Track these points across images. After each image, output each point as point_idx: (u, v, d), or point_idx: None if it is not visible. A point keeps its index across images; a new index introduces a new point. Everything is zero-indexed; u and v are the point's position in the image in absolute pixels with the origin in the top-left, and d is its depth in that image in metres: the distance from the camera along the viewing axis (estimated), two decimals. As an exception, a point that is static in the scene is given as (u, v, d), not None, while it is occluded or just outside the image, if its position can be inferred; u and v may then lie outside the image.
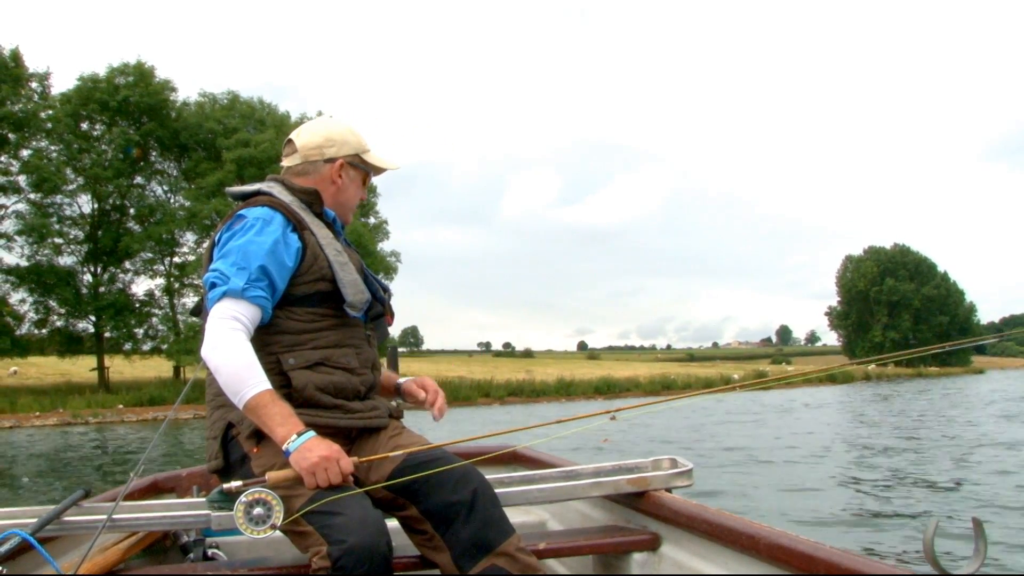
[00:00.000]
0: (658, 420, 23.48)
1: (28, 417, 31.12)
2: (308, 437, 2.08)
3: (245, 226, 2.28)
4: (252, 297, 2.19)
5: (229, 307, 2.17)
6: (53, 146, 40.71)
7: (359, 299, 2.35)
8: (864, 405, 33.51)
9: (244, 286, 2.18)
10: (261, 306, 2.22)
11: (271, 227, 2.27)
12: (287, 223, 2.31)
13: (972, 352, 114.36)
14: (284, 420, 2.10)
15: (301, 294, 2.31)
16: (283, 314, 2.30)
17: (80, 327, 42.58)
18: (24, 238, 39.29)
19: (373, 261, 43.30)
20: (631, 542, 2.55)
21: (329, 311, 2.34)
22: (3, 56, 37.32)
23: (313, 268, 2.31)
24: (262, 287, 2.22)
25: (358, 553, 1.94)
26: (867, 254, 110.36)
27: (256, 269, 2.21)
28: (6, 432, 27.87)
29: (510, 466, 3.43)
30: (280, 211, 2.32)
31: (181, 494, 3.12)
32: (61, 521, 2.23)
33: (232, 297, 2.18)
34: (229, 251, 2.25)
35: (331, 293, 2.32)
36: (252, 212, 2.31)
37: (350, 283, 2.33)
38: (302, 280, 2.30)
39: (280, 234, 2.27)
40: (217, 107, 44.63)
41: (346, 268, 2.35)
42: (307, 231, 2.34)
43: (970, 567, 1.62)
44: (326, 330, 2.33)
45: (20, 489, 13.98)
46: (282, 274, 2.26)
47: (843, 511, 9.47)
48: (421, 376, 2.71)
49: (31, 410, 32.12)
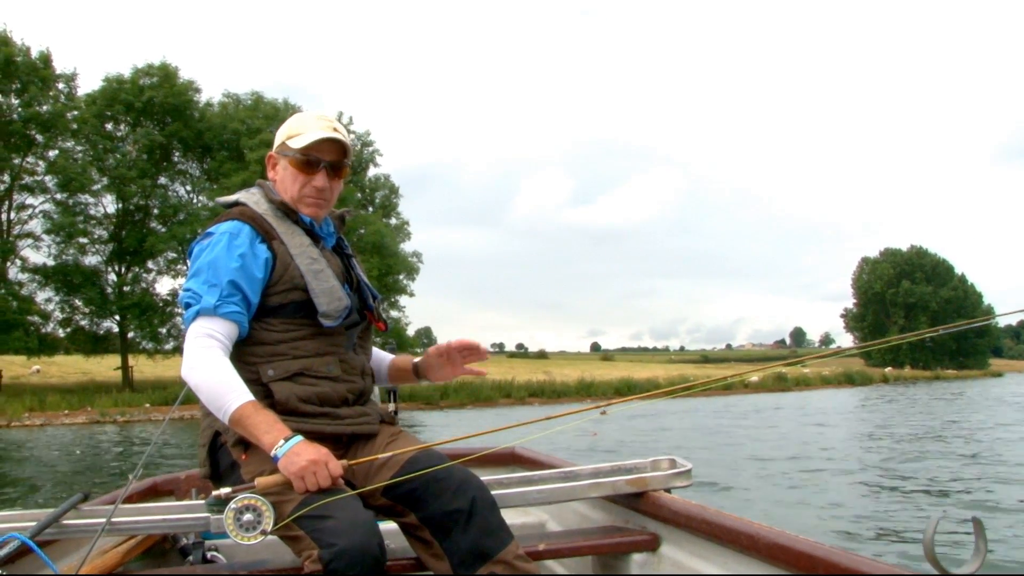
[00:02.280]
0: (676, 423, 23.55)
1: (57, 415, 31.32)
2: (296, 442, 2.09)
3: (212, 242, 2.29)
4: (226, 313, 2.21)
5: (204, 325, 2.19)
6: (79, 146, 40.98)
7: (333, 307, 2.32)
8: (882, 408, 33.39)
9: (216, 303, 2.20)
10: (236, 321, 2.23)
11: (238, 240, 2.28)
12: (255, 235, 2.31)
13: (989, 355, 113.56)
14: (270, 427, 2.10)
15: (275, 304, 2.30)
16: (259, 326, 2.31)
17: (104, 326, 42.90)
18: (51, 237, 39.63)
19: (396, 261, 43.43)
20: (630, 542, 2.56)
21: (305, 320, 2.32)
22: (32, 58, 37.61)
23: (284, 278, 2.29)
24: (235, 302, 2.23)
25: (349, 555, 1.94)
26: (883, 256, 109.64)
27: (227, 284, 2.22)
28: (37, 430, 28.08)
29: (509, 467, 3.46)
30: (248, 223, 2.32)
31: (180, 497, 3.14)
32: (60, 524, 2.23)
33: (206, 315, 2.20)
34: (200, 269, 2.27)
35: (305, 302, 2.31)
36: (220, 227, 2.32)
37: (323, 291, 2.31)
38: (274, 291, 2.30)
39: (248, 247, 2.27)
40: (241, 108, 44.84)
41: (320, 276, 2.33)
42: (276, 241, 2.32)
43: (970, 567, 1.63)
44: (304, 339, 2.32)
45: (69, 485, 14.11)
46: (253, 287, 2.27)
47: (862, 516, 9.41)
48: (429, 350, 2.65)
49: (59, 408, 32.34)
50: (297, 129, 2.44)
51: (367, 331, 2.55)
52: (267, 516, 2.02)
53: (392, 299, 44.96)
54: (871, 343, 3.31)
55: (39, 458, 19.65)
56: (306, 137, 2.40)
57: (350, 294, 2.42)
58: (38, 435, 26.18)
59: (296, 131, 2.43)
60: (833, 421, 25.68)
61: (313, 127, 2.42)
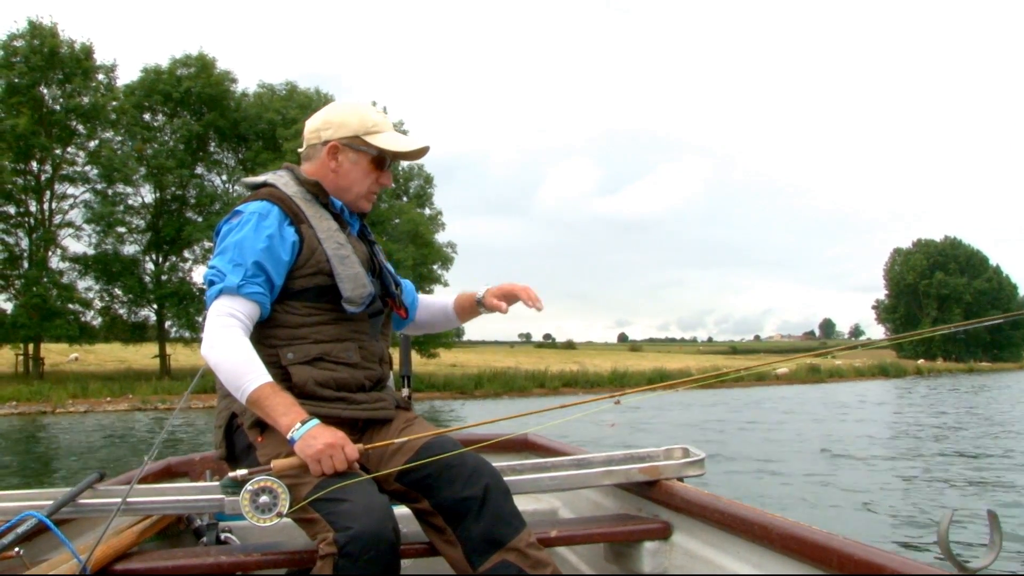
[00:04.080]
0: (705, 414, 23.49)
1: (100, 402, 31.77)
2: (312, 425, 2.09)
3: (241, 222, 2.28)
4: (249, 294, 2.20)
5: (226, 304, 2.19)
6: (118, 137, 41.41)
7: (357, 294, 2.31)
8: (931, 399, 33.08)
9: (240, 283, 2.20)
10: (258, 302, 2.23)
11: (267, 221, 2.27)
12: (284, 216, 2.30)
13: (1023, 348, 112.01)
14: (287, 410, 2.11)
15: (299, 288, 2.29)
16: (281, 308, 2.30)
17: (142, 315, 43.41)
18: (92, 227, 40.10)
19: (431, 251, 43.52)
20: (643, 531, 2.54)
21: (328, 305, 2.31)
22: (75, 51, 38.04)
23: (310, 262, 2.29)
24: (259, 283, 2.22)
25: (364, 539, 1.94)
26: (916, 247, 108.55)
27: (252, 265, 2.22)
28: (80, 416, 28.53)
29: (522, 454, 3.44)
30: (278, 204, 2.31)
31: (194, 478, 3.15)
32: (76, 504, 2.25)
33: (228, 294, 2.20)
34: (226, 248, 2.26)
35: (330, 287, 2.30)
36: (249, 207, 2.31)
37: (348, 277, 2.30)
38: (300, 274, 2.29)
39: (276, 228, 2.27)
40: (276, 98, 45.07)
41: (346, 262, 2.32)
42: (304, 224, 2.31)
43: (985, 560, 1.61)
44: (325, 324, 2.31)
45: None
46: (279, 269, 2.26)
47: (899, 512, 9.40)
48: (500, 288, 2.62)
49: (102, 395, 32.82)
50: (374, 126, 2.42)
51: (388, 319, 2.54)
52: (283, 498, 2.03)
53: (427, 289, 45.06)
54: (898, 336, 3.29)
55: (84, 442, 20.01)
56: (391, 141, 2.42)
57: (373, 281, 2.41)
58: (82, 420, 26.60)
59: (373, 128, 2.42)
60: (874, 414, 25.52)
61: (388, 128, 2.44)
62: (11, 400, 30.76)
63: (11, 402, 30.59)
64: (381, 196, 42.44)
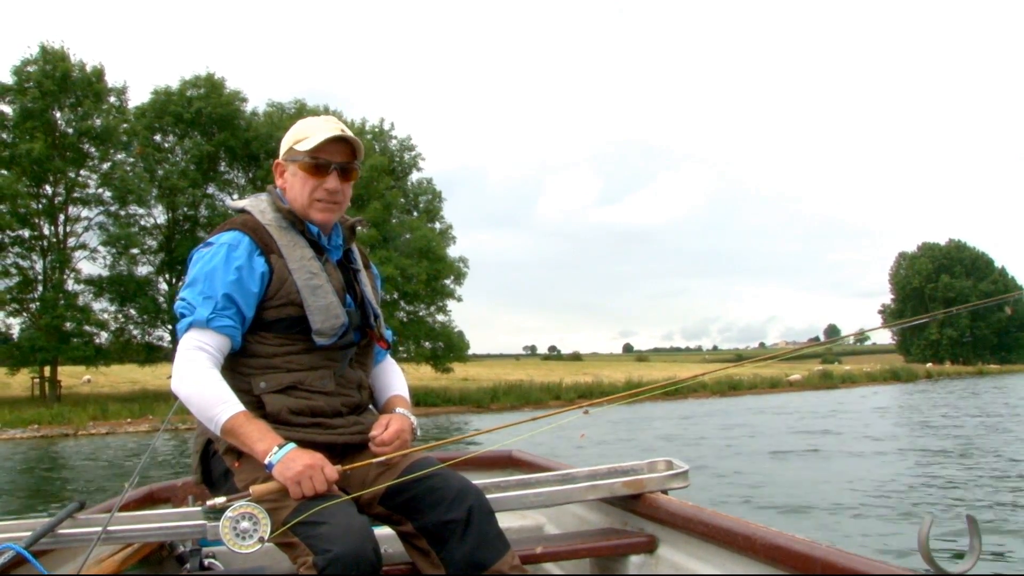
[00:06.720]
0: (711, 423, 23.43)
1: (121, 424, 31.76)
2: (289, 448, 2.09)
3: (212, 252, 2.26)
4: (219, 327, 2.20)
5: (195, 338, 2.19)
6: (130, 158, 41.55)
7: (328, 326, 2.28)
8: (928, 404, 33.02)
9: (210, 315, 2.19)
10: (228, 335, 2.22)
11: (236, 252, 2.24)
12: (254, 247, 2.27)
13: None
14: (263, 436, 2.10)
15: (271, 319, 2.27)
16: (254, 339, 2.28)
17: (156, 335, 43.41)
18: (107, 249, 40.16)
19: (443, 266, 43.55)
20: (628, 544, 2.56)
21: (300, 336, 2.28)
22: (87, 73, 38.24)
23: (280, 293, 2.26)
24: (229, 315, 2.21)
25: (344, 561, 1.93)
26: (921, 250, 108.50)
27: (222, 297, 2.20)
28: (100, 439, 28.51)
29: (506, 470, 3.46)
30: (249, 234, 2.28)
31: (177, 504, 3.13)
32: (56, 534, 2.22)
33: (198, 328, 2.19)
34: (196, 278, 2.25)
35: (300, 318, 2.27)
36: (220, 238, 2.29)
37: (319, 309, 2.27)
38: (270, 305, 2.26)
39: (245, 259, 2.24)
40: (285, 116, 45.26)
41: (318, 292, 2.28)
42: (275, 255, 2.28)
43: (965, 564, 1.63)
44: (298, 354, 2.29)
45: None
46: (248, 301, 2.24)
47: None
48: (395, 417, 2.42)
49: (122, 417, 32.78)
50: (304, 133, 2.38)
51: (368, 347, 2.50)
52: (264, 524, 2.01)
53: (440, 303, 45.08)
54: (892, 323, 3.31)
55: (112, 462, 19.99)
56: (314, 139, 2.34)
57: (352, 310, 2.37)
58: (104, 443, 26.58)
59: (303, 135, 2.38)
60: (900, 417, 25.47)
61: (320, 128, 2.36)
62: (32, 423, 30.78)
63: (33, 425, 30.61)
64: (391, 212, 41.64)
